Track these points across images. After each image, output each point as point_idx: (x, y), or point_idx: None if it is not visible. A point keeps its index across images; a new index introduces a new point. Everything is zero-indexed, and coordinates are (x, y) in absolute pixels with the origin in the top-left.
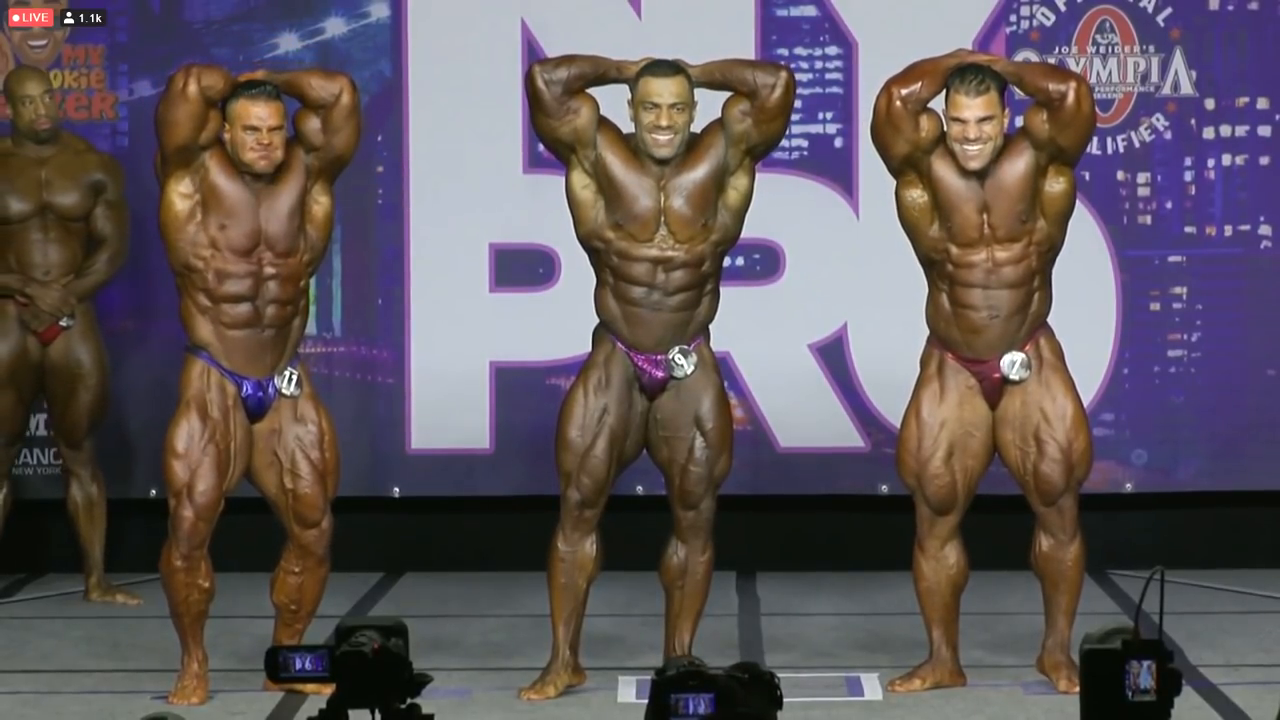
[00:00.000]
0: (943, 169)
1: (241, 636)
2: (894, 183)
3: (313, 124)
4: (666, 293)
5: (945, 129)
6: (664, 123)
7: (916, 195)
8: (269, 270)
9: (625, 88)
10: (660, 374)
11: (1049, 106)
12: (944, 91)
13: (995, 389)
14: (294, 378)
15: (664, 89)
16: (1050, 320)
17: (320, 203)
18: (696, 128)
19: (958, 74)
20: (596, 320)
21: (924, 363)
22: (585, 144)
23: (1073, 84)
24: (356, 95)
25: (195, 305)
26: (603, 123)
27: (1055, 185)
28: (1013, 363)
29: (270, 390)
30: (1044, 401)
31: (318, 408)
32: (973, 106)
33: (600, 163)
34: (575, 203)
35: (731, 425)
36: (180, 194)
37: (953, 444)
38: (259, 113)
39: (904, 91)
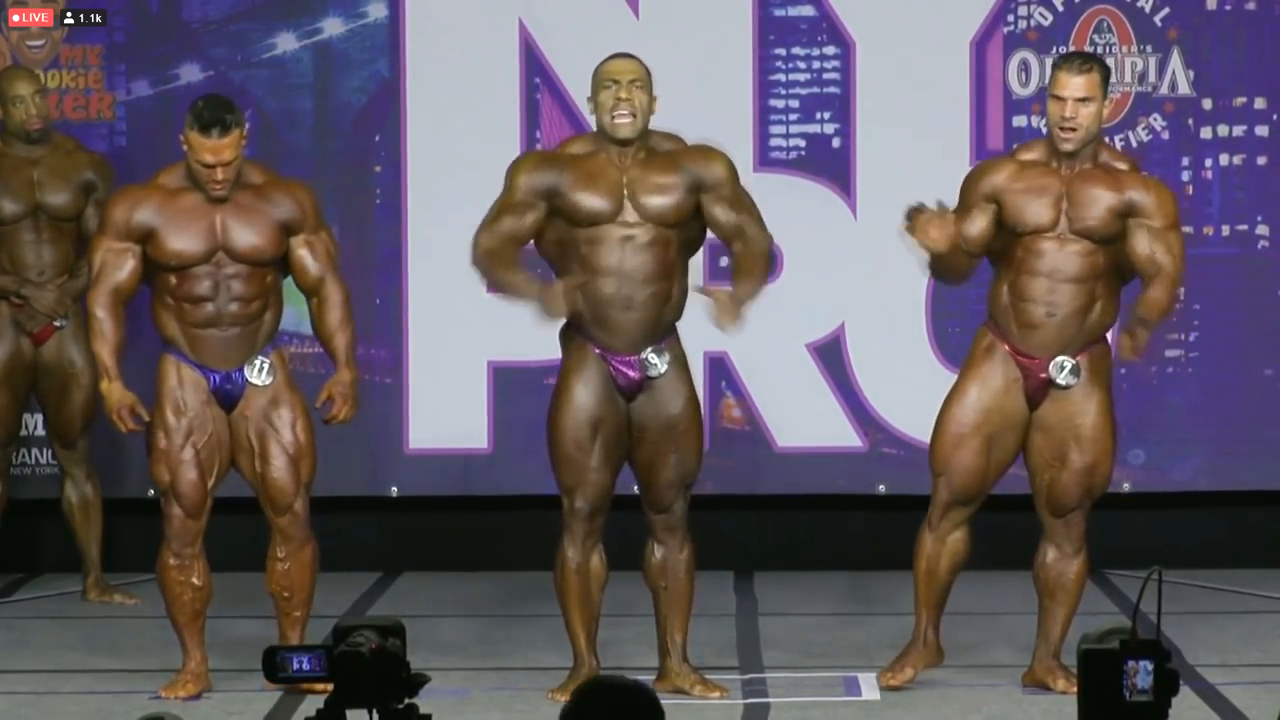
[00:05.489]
0: (1017, 187)
1: (240, 636)
2: (888, 182)
3: (299, 262)
4: (637, 282)
5: (1003, 207)
6: (623, 96)
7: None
8: (229, 270)
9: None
10: (635, 374)
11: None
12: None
13: (1039, 389)
14: (264, 366)
15: (623, 67)
16: None
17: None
18: (687, 132)
19: (1063, 56)
20: None
21: (976, 343)
22: (556, 196)
23: None
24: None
25: (161, 303)
26: (544, 166)
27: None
28: (1061, 366)
29: (239, 381)
30: (1080, 417)
31: (292, 391)
32: (1073, 85)
33: (564, 190)
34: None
35: (702, 426)
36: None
37: (990, 437)
38: (212, 148)
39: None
